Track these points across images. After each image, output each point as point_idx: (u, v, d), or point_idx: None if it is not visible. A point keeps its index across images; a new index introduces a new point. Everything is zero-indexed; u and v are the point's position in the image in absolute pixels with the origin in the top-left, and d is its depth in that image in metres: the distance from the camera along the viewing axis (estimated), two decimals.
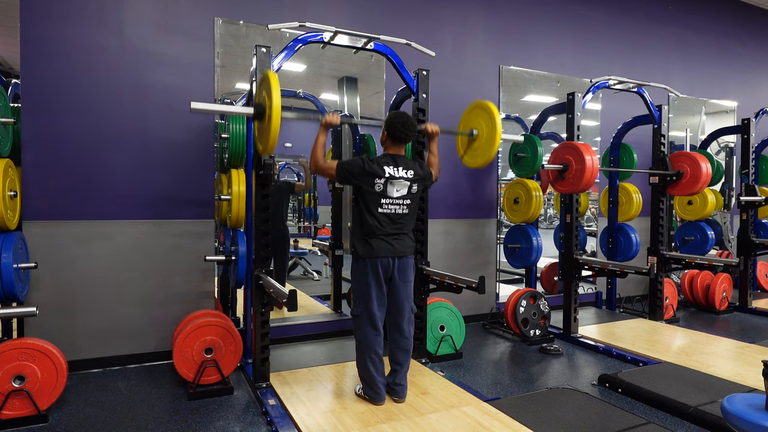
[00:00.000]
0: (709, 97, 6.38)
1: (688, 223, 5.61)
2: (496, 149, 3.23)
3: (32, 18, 3.23)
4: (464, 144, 3.49)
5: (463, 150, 3.53)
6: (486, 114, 3.29)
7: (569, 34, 5.35)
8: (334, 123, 2.81)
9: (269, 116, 2.49)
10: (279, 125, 2.48)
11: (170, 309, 3.59)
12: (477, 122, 3.37)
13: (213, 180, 3.74)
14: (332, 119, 2.80)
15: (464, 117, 3.51)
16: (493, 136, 3.22)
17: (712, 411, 2.64)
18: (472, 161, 3.44)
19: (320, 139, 2.78)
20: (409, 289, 2.83)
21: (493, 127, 3.22)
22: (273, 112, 2.45)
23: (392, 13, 4.43)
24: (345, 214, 4.51)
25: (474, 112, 3.41)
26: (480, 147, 3.35)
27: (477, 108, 3.38)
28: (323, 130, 2.80)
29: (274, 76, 2.53)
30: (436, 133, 3.12)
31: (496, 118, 3.20)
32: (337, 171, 2.74)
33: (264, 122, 2.60)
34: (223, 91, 3.76)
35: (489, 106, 3.26)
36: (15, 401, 2.58)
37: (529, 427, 2.49)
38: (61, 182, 3.32)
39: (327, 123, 2.80)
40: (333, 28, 3.15)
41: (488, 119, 3.26)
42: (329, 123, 2.80)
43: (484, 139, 3.30)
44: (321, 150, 2.78)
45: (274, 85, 2.48)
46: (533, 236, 4.48)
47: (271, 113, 2.46)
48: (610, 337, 4.14)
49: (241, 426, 2.63)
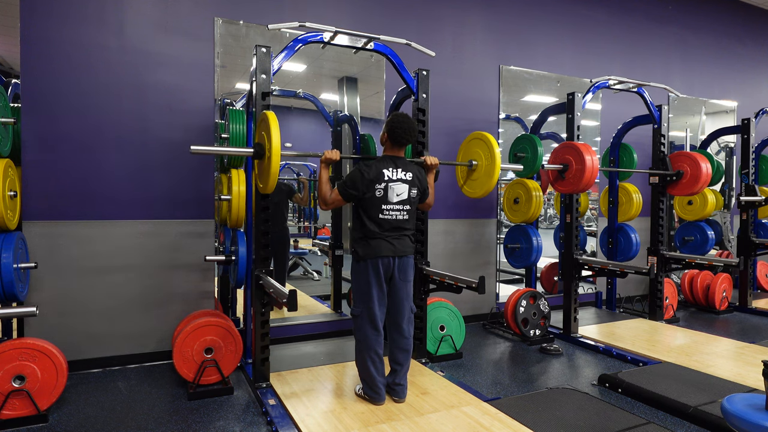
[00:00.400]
0: (709, 97, 6.38)
1: (688, 223, 5.61)
2: (495, 181, 3.26)
3: (32, 18, 3.23)
4: (464, 174, 3.53)
5: (462, 180, 3.57)
6: (485, 145, 3.32)
7: (569, 34, 5.35)
8: (333, 159, 2.81)
9: (269, 157, 2.52)
10: (279, 166, 2.52)
11: (170, 309, 3.59)
12: (476, 153, 3.40)
13: (213, 180, 3.74)
14: (331, 156, 2.80)
15: (463, 147, 3.55)
16: (491, 168, 3.25)
17: (712, 411, 2.64)
18: (471, 191, 3.48)
19: (323, 176, 2.79)
20: (408, 288, 2.83)
21: (492, 158, 3.24)
22: (272, 154, 2.48)
23: (392, 13, 4.43)
24: (345, 214, 4.51)
25: (473, 143, 3.45)
26: (479, 178, 3.38)
27: (476, 139, 3.42)
28: (324, 167, 2.81)
29: (273, 117, 2.55)
30: (434, 166, 3.08)
31: (494, 150, 3.22)
32: (341, 194, 2.73)
33: (264, 162, 2.62)
34: (223, 91, 3.76)
35: (488, 138, 3.29)
36: (15, 401, 2.58)
37: (529, 427, 2.49)
38: (61, 182, 3.32)
39: (327, 160, 2.80)
40: (333, 28, 3.15)
41: (487, 151, 3.29)
42: (329, 160, 2.81)
43: (483, 171, 3.34)
44: (326, 186, 2.78)
45: (273, 126, 2.50)
46: (533, 236, 4.48)
47: (271, 155, 2.49)
48: (610, 337, 4.14)
49: (241, 426, 2.64)
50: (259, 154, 2.66)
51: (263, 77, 2.90)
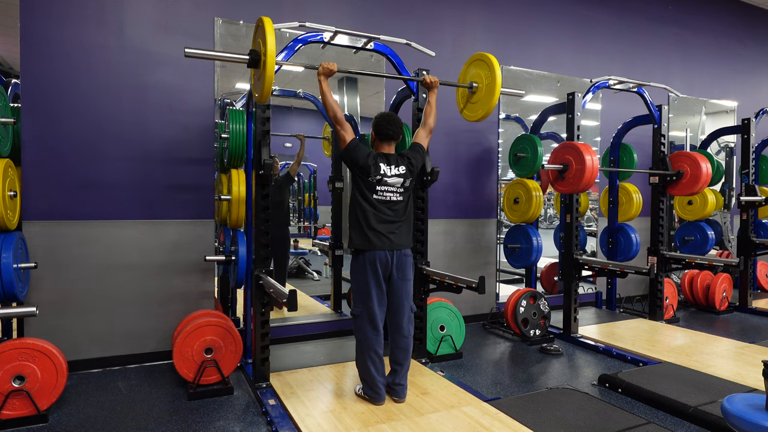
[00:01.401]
0: (709, 97, 6.37)
1: (688, 223, 5.61)
2: (496, 100, 3.16)
3: (32, 18, 3.23)
4: (464, 98, 3.44)
5: (462, 104, 3.47)
6: (485, 65, 3.23)
7: (569, 34, 5.35)
8: (333, 70, 2.78)
9: (264, 62, 2.49)
10: (274, 70, 2.48)
11: (170, 309, 3.59)
12: (476, 74, 3.31)
13: (213, 180, 3.74)
14: (330, 66, 2.77)
15: (464, 70, 3.44)
16: (492, 86, 3.15)
17: (712, 411, 2.64)
18: (471, 114, 3.38)
19: (326, 89, 2.75)
20: (408, 287, 2.83)
21: (492, 78, 3.15)
22: (268, 58, 2.45)
23: (392, 13, 4.43)
24: (345, 214, 4.51)
25: (474, 65, 3.34)
26: (480, 99, 3.28)
27: (476, 60, 3.32)
28: (324, 79, 2.77)
29: (269, 22, 2.50)
30: (434, 83, 3.11)
31: (495, 69, 3.13)
32: (347, 147, 2.74)
33: (260, 69, 2.59)
34: (223, 91, 3.76)
35: (489, 57, 3.20)
36: (15, 401, 2.58)
37: (529, 427, 2.49)
38: (61, 182, 3.32)
39: (326, 72, 2.77)
40: (333, 28, 3.15)
41: (488, 71, 3.20)
42: (328, 71, 2.77)
43: (484, 91, 3.24)
44: (331, 97, 2.75)
45: (268, 31, 2.46)
46: (533, 236, 4.48)
47: (266, 59, 2.46)
48: (610, 337, 4.14)
49: (241, 426, 2.64)
50: (254, 61, 2.63)
51: None
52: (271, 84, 2.52)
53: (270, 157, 2.92)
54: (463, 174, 4.78)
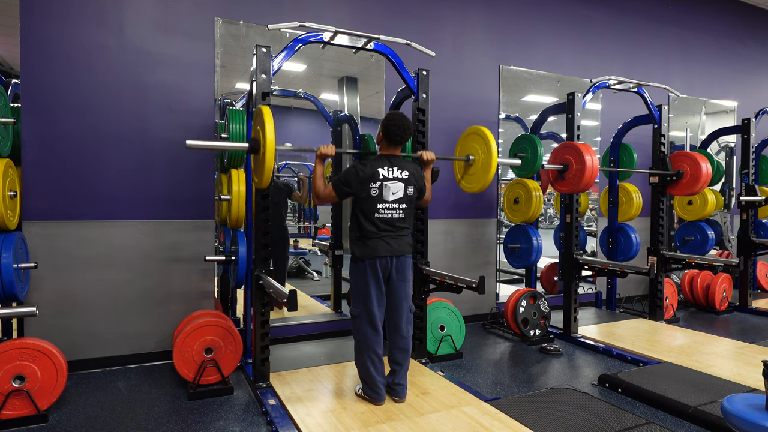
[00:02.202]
0: (709, 97, 6.38)
1: (688, 223, 5.61)
2: (492, 176, 3.25)
3: (32, 18, 3.23)
4: (461, 169, 3.52)
5: (460, 175, 3.56)
6: (482, 140, 3.31)
7: (569, 34, 5.35)
8: (329, 155, 2.82)
9: (263, 152, 2.54)
10: (273, 160, 2.54)
11: (170, 309, 3.59)
12: (473, 147, 3.40)
13: (213, 180, 3.74)
14: (327, 151, 2.81)
15: (461, 142, 3.54)
16: (488, 163, 3.24)
17: (712, 411, 2.64)
18: (469, 186, 3.47)
19: (318, 171, 2.80)
20: (407, 288, 2.83)
21: (488, 153, 3.24)
22: (267, 148, 2.50)
23: (392, 13, 4.43)
24: (345, 214, 4.51)
25: (470, 138, 3.44)
26: (476, 173, 3.37)
27: (473, 134, 3.41)
28: (319, 162, 2.81)
29: (268, 111, 2.57)
30: (430, 161, 3.09)
31: (491, 145, 3.21)
32: (335, 191, 2.74)
33: (259, 157, 2.63)
34: (223, 91, 3.76)
35: (484, 132, 3.28)
36: (15, 401, 2.58)
37: (529, 427, 2.49)
38: (61, 182, 3.32)
39: (322, 155, 2.81)
40: (333, 28, 3.15)
41: (484, 145, 3.29)
42: (324, 155, 2.81)
43: (480, 166, 3.33)
44: (320, 181, 2.79)
45: (267, 120, 2.52)
46: (533, 236, 4.48)
47: (266, 149, 2.51)
48: (610, 337, 4.13)
49: (241, 426, 2.64)
50: (254, 149, 2.66)
51: (263, 77, 2.90)
52: (270, 171, 2.58)
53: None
54: None
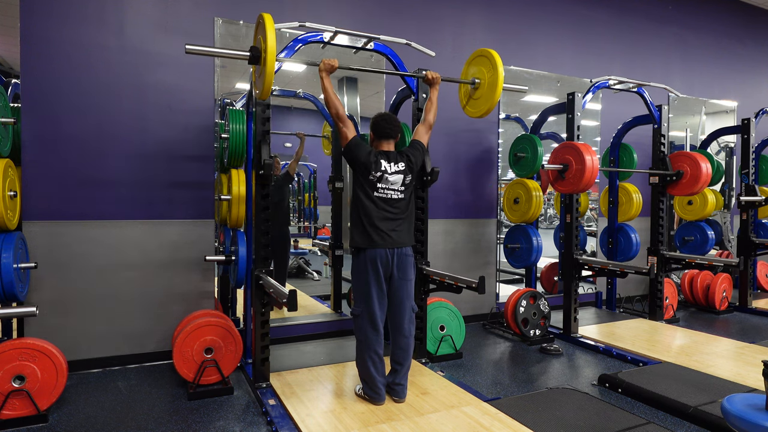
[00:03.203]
0: (709, 97, 6.37)
1: (688, 223, 5.61)
2: (499, 95, 3.17)
3: (32, 18, 3.23)
4: (466, 94, 3.45)
5: (465, 101, 3.47)
6: (488, 61, 3.24)
7: (569, 34, 5.35)
8: (334, 66, 2.80)
9: (265, 59, 2.49)
10: (274, 67, 2.49)
11: (170, 309, 3.59)
12: (479, 70, 3.32)
13: (213, 180, 3.74)
14: (331, 63, 2.79)
15: (465, 67, 3.45)
16: (495, 81, 3.16)
17: (712, 411, 2.64)
18: (474, 110, 3.39)
19: (327, 85, 2.77)
20: (409, 287, 2.83)
21: (495, 73, 3.17)
22: (268, 55, 2.45)
23: (392, 13, 4.43)
24: (345, 214, 4.51)
25: (475, 62, 3.36)
26: (482, 95, 3.29)
27: (479, 56, 3.33)
28: (326, 75, 2.79)
29: (269, 18, 2.51)
30: (436, 80, 3.11)
31: (498, 65, 3.15)
32: (348, 144, 2.75)
33: (260, 65, 2.59)
34: (223, 91, 3.76)
35: (491, 53, 3.22)
36: (15, 401, 2.58)
37: (529, 427, 2.49)
38: (61, 182, 3.32)
39: (328, 68, 2.79)
40: (333, 28, 3.15)
41: (490, 66, 3.21)
42: (330, 67, 2.79)
43: (486, 87, 3.25)
44: (333, 94, 2.77)
45: (269, 28, 2.46)
46: (533, 236, 4.48)
47: (267, 56, 2.46)
48: (610, 337, 4.13)
49: (241, 426, 2.64)
50: (255, 57, 2.63)
51: None
52: (271, 80, 2.53)
53: (270, 157, 2.93)
54: (463, 174, 4.77)
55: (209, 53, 2.71)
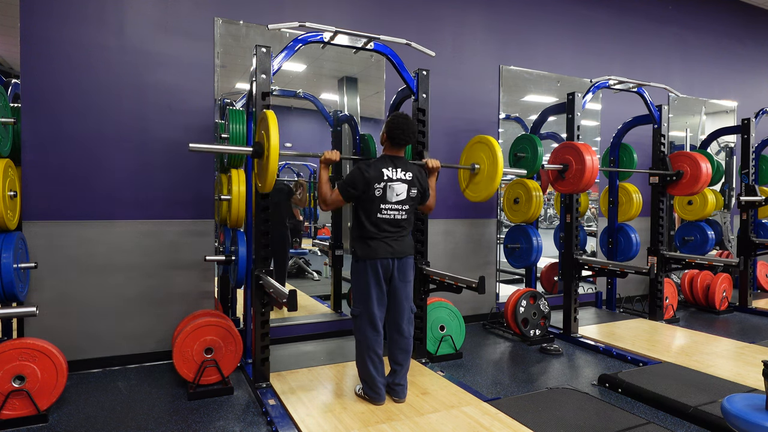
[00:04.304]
0: (709, 97, 6.38)
1: (688, 223, 5.61)
2: (497, 185, 3.26)
3: (32, 18, 3.23)
4: (466, 178, 3.53)
5: (465, 184, 3.56)
6: (487, 148, 3.32)
7: (569, 34, 5.35)
8: (333, 160, 2.82)
9: (267, 156, 2.53)
10: (277, 165, 2.54)
11: (170, 309, 3.59)
12: (478, 156, 3.40)
13: (213, 180, 3.74)
14: (331, 156, 2.81)
15: (466, 150, 3.56)
16: (494, 171, 3.24)
17: (712, 411, 2.64)
18: (474, 195, 3.48)
19: (323, 177, 2.80)
20: (408, 289, 2.83)
21: (494, 162, 3.24)
22: (271, 153, 2.50)
23: (392, 13, 4.43)
24: (345, 214, 4.51)
25: (476, 147, 3.45)
26: (482, 182, 3.38)
27: (479, 142, 3.42)
28: (324, 167, 2.82)
29: (272, 116, 2.57)
30: (436, 169, 3.09)
31: (497, 153, 3.22)
32: (341, 194, 2.73)
33: (263, 161, 2.63)
34: (223, 91, 3.76)
35: (490, 141, 3.29)
36: (15, 401, 2.58)
37: (529, 427, 2.49)
38: (61, 182, 3.32)
39: (326, 160, 2.81)
40: (333, 28, 3.15)
41: (490, 154, 3.29)
42: (328, 160, 2.81)
43: (485, 174, 3.34)
44: (326, 186, 2.78)
45: (272, 125, 2.52)
46: (533, 236, 4.48)
47: (269, 154, 2.51)
48: (610, 337, 4.14)
49: (241, 426, 2.64)
50: (258, 153, 2.67)
51: (263, 77, 2.90)
52: (274, 176, 2.58)
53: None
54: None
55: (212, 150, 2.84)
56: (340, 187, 2.73)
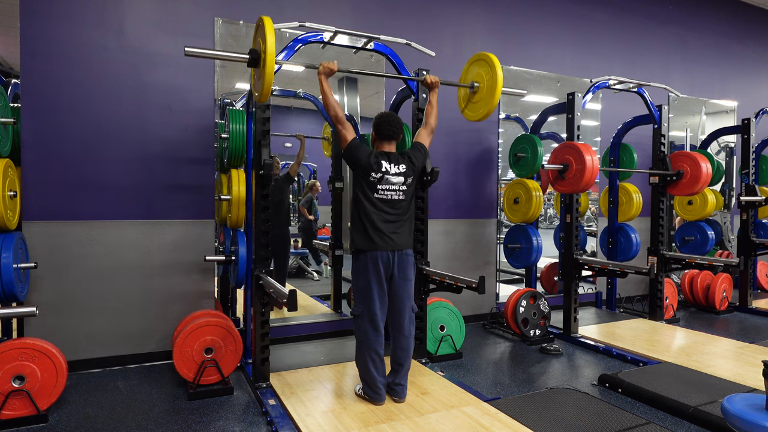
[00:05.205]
0: (709, 97, 6.37)
1: (688, 223, 5.61)
2: (498, 99, 3.16)
3: (32, 18, 3.23)
4: (465, 98, 3.44)
5: (464, 104, 3.47)
6: (486, 64, 3.23)
7: (569, 34, 5.35)
8: (333, 69, 2.78)
9: (264, 61, 2.49)
10: (273, 69, 2.48)
11: (170, 309, 3.59)
12: (477, 74, 3.31)
13: (213, 180, 3.74)
14: (330, 66, 2.77)
15: (465, 70, 3.45)
16: (494, 85, 3.15)
17: (712, 411, 2.64)
18: (473, 114, 3.38)
19: (326, 88, 2.75)
20: (409, 288, 2.83)
21: (493, 76, 3.16)
22: (267, 57, 2.45)
23: (392, 13, 4.43)
24: (345, 214, 4.51)
25: (475, 64, 3.36)
26: (481, 98, 3.28)
27: (478, 59, 3.33)
28: (324, 78, 2.77)
29: (269, 21, 2.51)
30: (435, 83, 3.11)
31: (496, 68, 3.14)
32: (348, 146, 2.75)
33: (260, 68, 2.59)
34: (223, 91, 3.76)
35: (490, 57, 3.21)
36: (15, 401, 2.58)
37: (529, 427, 2.49)
38: (61, 182, 3.32)
39: (327, 71, 2.77)
40: (333, 28, 3.15)
41: (489, 70, 3.21)
42: (329, 71, 2.77)
43: (485, 90, 3.24)
44: (332, 97, 2.76)
45: (268, 30, 2.46)
46: (533, 236, 4.48)
47: (266, 58, 2.46)
48: (610, 337, 4.13)
49: (241, 426, 2.64)
50: (254, 60, 2.63)
51: None
52: (270, 83, 2.53)
53: (270, 157, 2.93)
54: (463, 174, 4.77)
55: (208, 56, 2.70)
56: (353, 142, 2.75)
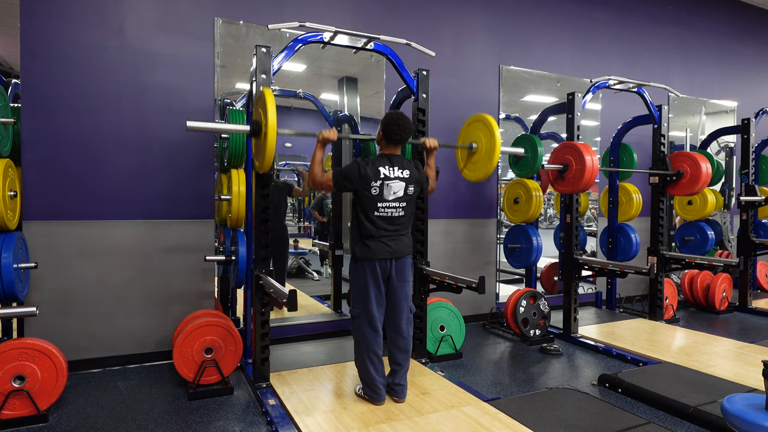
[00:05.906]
0: (709, 97, 6.38)
1: (688, 223, 5.61)
2: (496, 163, 3.24)
3: (32, 18, 3.23)
4: (464, 157, 3.51)
5: (463, 163, 3.55)
6: (485, 127, 3.31)
7: (569, 34, 5.35)
8: (331, 139, 2.80)
9: (265, 134, 2.52)
10: (275, 143, 2.52)
11: (170, 309, 3.59)
12: (476, 135, 3.39)
13: (213, 180, 3.74)
14: (329, 135, 2.79)
15: (463, 130, 3.54)
16: (492, 149, 3.23)
17: (712, 411, 2.64)
18: (471, 174, 3.47)
19: (317, 156, 2.79)
20: (407, 288, 2.83)
21: (492, 140, 3.23)
22: (269, 130, 2.48)
23: (392, 13, 4.43)
24: (345, 214, 4.51)
25: (473, 125, 3.44)
26: (479, 160, 3.36)
27: (476, 121, 3.41)
28: (320, 146, 2.80)
29: (270, 94, 2.55)
30: (434, 148, 3.10)
31: (494, 132, 3.21)
32: (334, 180, 2.74)
33: (260, 139, 2.62)
34: (223, 91, 3.76)
35: (488, 119, 3.28)
36: (15, 401, 2.58)
37: (529, 427, 2.49)
38: (61, 182, 3.32)
39: (324, 140, 2.79)
40: (333, 28, 3.15)
41: (487, 132, 3.28)
42: (326, 139, 2.80)
43: (483, 153, 3.32)
44: (318, 167, 2.77)
45: (269, 103, 2.50)
46: (533, 236, 4.48)
47: (267, 131, 2.49)
48: (610, 337, 4.14)
49: (241, 426, 2.64)
50: (255, 132, 2.65)
51: (263, 77, 2.90)
52: (272, 155, 2.56)
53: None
54: None
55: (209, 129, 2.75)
56: (335, 173, 2.73)
